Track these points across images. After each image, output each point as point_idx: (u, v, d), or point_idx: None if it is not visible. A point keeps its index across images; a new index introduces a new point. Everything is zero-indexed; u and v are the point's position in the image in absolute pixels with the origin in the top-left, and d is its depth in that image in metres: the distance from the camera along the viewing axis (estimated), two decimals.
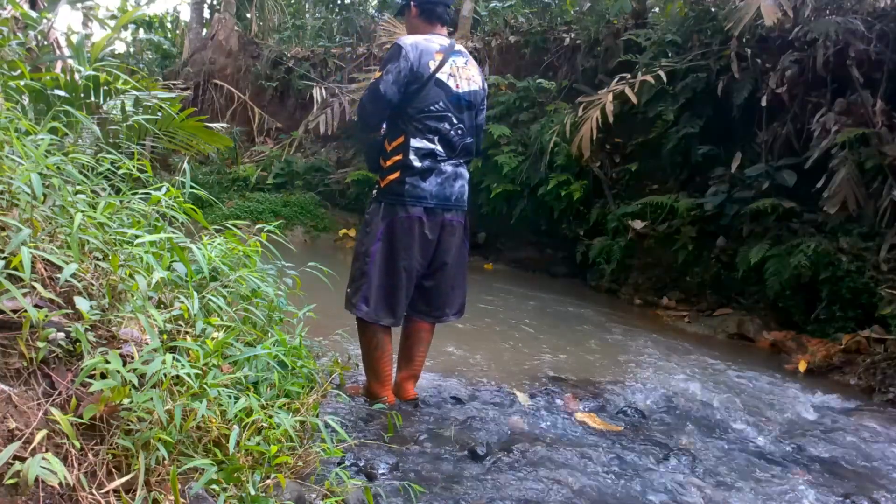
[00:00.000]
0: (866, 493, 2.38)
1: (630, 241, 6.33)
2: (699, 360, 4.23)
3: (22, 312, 1.50)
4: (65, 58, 4.26)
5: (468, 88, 2.78)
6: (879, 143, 4.74)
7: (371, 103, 2.68)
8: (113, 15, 15.14)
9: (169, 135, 3.86)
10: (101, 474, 1.43)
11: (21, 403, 1.41)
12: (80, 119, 2.49)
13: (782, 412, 3.30)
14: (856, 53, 4.94)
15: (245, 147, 11.32)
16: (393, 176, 2.70)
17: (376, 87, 2.63)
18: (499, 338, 4.49)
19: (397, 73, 2.62)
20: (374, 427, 2.52)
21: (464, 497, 2.03)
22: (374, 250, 2.72)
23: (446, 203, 2.75)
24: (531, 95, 7.96)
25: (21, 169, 1.76)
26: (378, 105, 2.66)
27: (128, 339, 1.71)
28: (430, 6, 2.78)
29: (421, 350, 2.94)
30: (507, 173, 7.48)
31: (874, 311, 4.40)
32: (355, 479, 1.91)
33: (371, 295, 2.72)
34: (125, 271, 1.81)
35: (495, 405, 2.99)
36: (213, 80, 11.93)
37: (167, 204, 2.13)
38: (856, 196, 4.76)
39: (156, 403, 1.47)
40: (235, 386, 1.86)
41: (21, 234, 1.52)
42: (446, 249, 2.82)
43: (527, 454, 2.39)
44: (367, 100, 2.68)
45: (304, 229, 9.20)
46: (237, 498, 1.54)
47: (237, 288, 2.28)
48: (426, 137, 2.69)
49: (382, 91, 2.62)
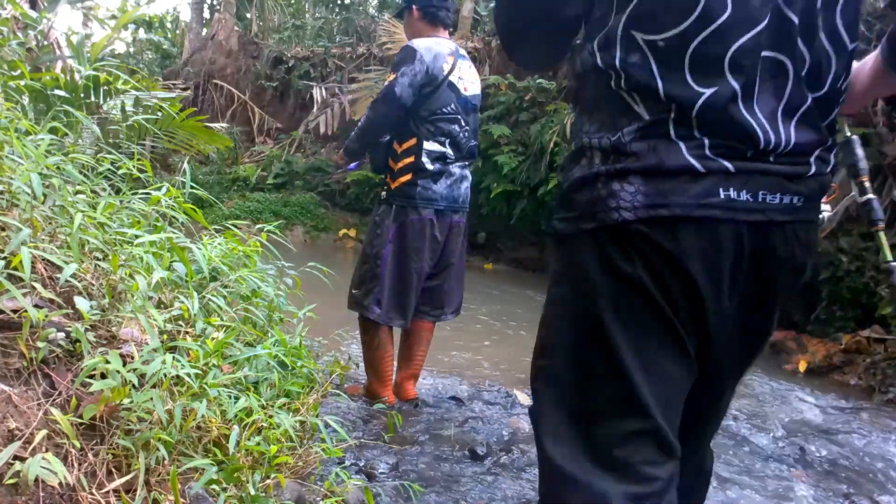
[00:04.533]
0: (866, 493, 2.38)
1: None
2: None
3: (22, 312, 1.50)
4: (65, 58, 4.26)
5: (473, 91, 2.79)
6: (879, 143, 4.74)
7: (385, 105, 2.67)
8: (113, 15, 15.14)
9: (169, 135, 3.85)
10: (101, 474, 1.43)
11: (21, 403, 1.41)
12: (80, 119, 2.49)
13: (782, 412, 3.30)
14: None
15: (245, 147, 11.33)
16: (404, 178, 2.70)
17: (391, 89, 2.62)
18: (499, 338, 4.49)
19: (413, 75, 2.61)
20: (374, 427, 2.52)
21: (464, 497, 2.03)
22: (385, 253, 2.72)
23: (454, 205, 2.77)
24: (531, 95, 7.96)
25: (21, 169, 1.76)
26: (392, 107, 2.65)
27: (128, 339, 1.71)
28: (433, 10, 2.78)
29: (421, 350, 2.94)
30: (507, 173, 7.48)
31: (874, 311, 4.40)
32: (355, 479, 1.91)
33: (384, 297, 2.72)
34: (125, 271, 1.81)
35: (495, 405, 2.99)
36: (213, 80, 11.94)
37: (167, 204, 2.13)
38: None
39: (156, 403, 1.47)
40: (235, 386, 1.86)
41: (21, 234, 1.52)
42: (452, 250, 2.83)
43: (527, 454, 2.39)
44: (381, 102, 2.68)
45: (304, 229, 9.21)
46: (237, 498, 1.54)
47: (237, 288, 2.28)
48: (438, 140, 2.69)
49: (398, 94, 2.61)
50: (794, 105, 0.95)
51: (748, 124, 0.92)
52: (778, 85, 0.94)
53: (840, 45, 0.97)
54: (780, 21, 0.92)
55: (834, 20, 0.96)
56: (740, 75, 0.92)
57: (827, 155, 1.00)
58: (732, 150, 0.94)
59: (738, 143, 0.93)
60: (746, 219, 0.94)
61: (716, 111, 0.93)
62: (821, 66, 0.96)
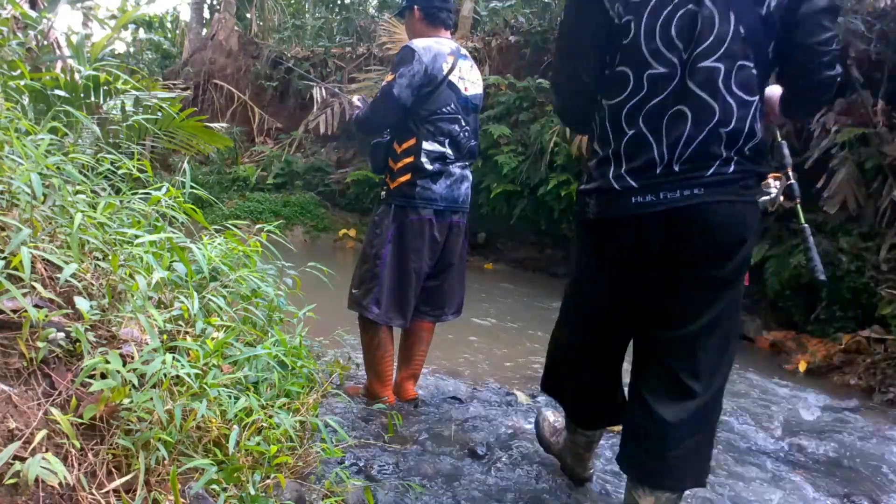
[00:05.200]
0: (866, 493, 2.38)
1: None
2: None
3: (22, 312, 1.50)
4: (65, 58, 4.26)
5: (474, 91, 2.79)
6: (879, 143, 4.73)
7: (383, 106, 2.66)
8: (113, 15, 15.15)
9: (169, 135, 3.85)
10: (101, 474, 1.43)
11: (21, 403, 1.41)
12: (80, 119, 2.49)
13: (782, 412, 3.30)
14: (856, 53, 4.94)
15: (245, 147, 11.33)
16: (404, 178, 2.70)
17: (389, 90, 2.62)
18: (499, 337, 4.49)
19: (411, 76, 2.61)
20: (374, 427, 2.52)
21: (464, 496, 2.03)
22: (384, 253, 2.72)
23: (454, 205, 2.76)
24: (531, 95, 7.96)
25: (21, 169, 1.76)
26: (389, 108, 2.65)
27: (128, 339, 1.71)
28: (434, 10, 2.77)
29: (421, 350, 2.94)
30: (507, 173, 7.48)
31: (874, 311, 4.40)
32: (355, 479, 1.91)
33: (382, 297, 2.72)
34: (125, 271, 1.81)
35: (495, 405, 2.99)
36: (213, 80, 11.94)
37: (167, 204, 2.13)
38: (856, 196, 4.76)
39: (156, 403, 1.47)
40: (235, 386, 1.86)
41: (21, 234, 1.52)
42: (452, 250, 2.83)
43: (527, 454, 2.39)
44: (380, 102, 2.67)
45: (304, 229, 9.20)
46: (237, 498, 1.54)
47: (237, 288, 2.28)
48: (437, 140, 2.69)
49: (396, 94, 2.61)
50: (693, 136, 1.53)
51: (650, 155, 1.56)
52: (679, 126, 1.53)
53: (739, 99, 1.53)
54: (682, 87, 1.52)
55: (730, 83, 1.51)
56: (649, 124, 1.56)
57: (727, 162, 1.55)
58: (641, 171, 1.57)
59: (643, 169, 1.57)
60: (653, 210, 1.56)
61: (631, 149, 1.59)
62: (726, 112, 1.52)
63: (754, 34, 1.50)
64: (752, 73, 1.52)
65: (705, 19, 1.49)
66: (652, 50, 1.53)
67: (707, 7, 1.49)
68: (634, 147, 1.57)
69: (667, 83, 1.52)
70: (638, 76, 1.55)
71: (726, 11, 1.49)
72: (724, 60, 1.49)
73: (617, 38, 1.57)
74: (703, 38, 1.49)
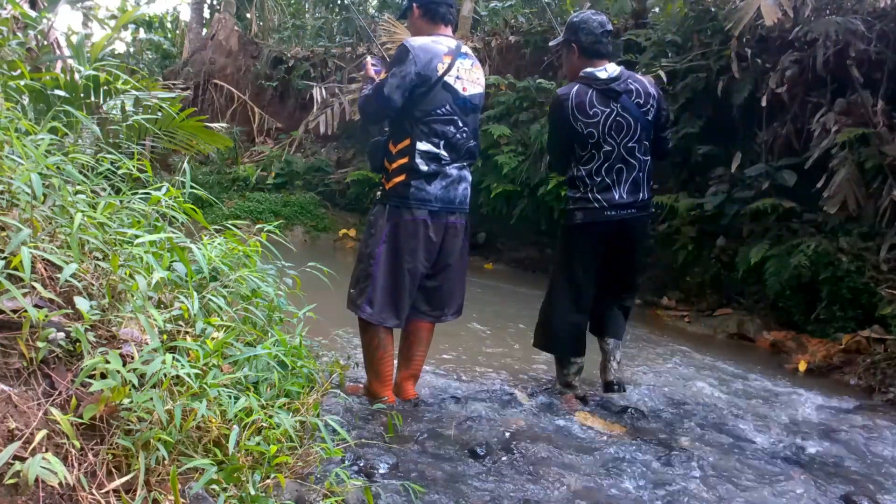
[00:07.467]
0: (866, 493, 2.38)
1: None
2: (699, 360, 4.23)
3: (22, 312, 1.50)
4: (65, 58, 4.26)
5: (474, 91, 2.77)
6: (879, 143, 4.73)
7: (375, 103, 2.67)
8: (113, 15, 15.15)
9: (169, 135, 3.86)
10: (101, 474, 1.43)
11: (21, 403, 1.41)
12: (80, 119, 2.49)
13: (782, 412, 3.30)
14: (856, 53, 4.93)
15: (245, 147, 11.32)
16: (398, 179, 2.70)
17: (380, 89, 2.62)
18: (499, 337, 4.49)
19: (402, 77, 2.60)
20: (374, 427, 2.52)
21: (464, 497, 2.03)
22: (378, 252, 2.72)
23: (450, 206, 2.76)
24: (531, 95, 7.96)
25: (21, 169, 1.76)
26: (380, 105, 2.65)
27: (128, 339, 1.71)
28: (433, 6, 2.77)
29: (421, 350, 2.94)
30: (507, 173, 7.48)
31: (874, 311, 4.39)
32: (355, 479, 1.91)
33: (376, 297, 2.72)
34: (125, 271, 1.81)
35: (495, 405, 2.99)
36: (213, 80, 11.93)
37: (167, 204, 2.13)
38: (856, 196, 4.76)
39: (156, 403, 1.47)
40: (235, 386, 1.86)
41: (21, 234, 1.52)
42: (449, 251, 2.82)
43: (527, 454, 2.39)
44: (372, 98, 2.67)
45: (304, 229, 9.20)
46: (237, 498, 1.54)
47: (237, 288, 2.28)
48: (431, 141, 2.68)
49: (386, 94, 2.61)
50: (630, 178, 3.03)
51: (611, 192, 3.01)
52: (627, 173, 3.02)
53: (644, 160, 3.06)
54: (625, 152, 3.00)
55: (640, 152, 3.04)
56: (609, 175, 3.01)
57: (650, 192, 3.13)
58: (608, 201, 3.01)
59: (607, 200, 3.01)
60: (617, 219, 3.02)
61: (601, 187, 3.02)
62: (640, 167, 3.05)
63: (646, 129, 3.03)
64: (647, 146, 3.07)
65: (626, 122, 2.98)
66: (604, 140, 2.98)
67: (625, 117, 2.97)
68: (603, 186, 3.01)
69: (613, 155, 3.00)
70: (598, 153, 3.01)
71: (633, 119, 2.98)
72: (637, 142, 3.02)
73: (585, 138, 2.99)
74: (626, 132, 2.98)
